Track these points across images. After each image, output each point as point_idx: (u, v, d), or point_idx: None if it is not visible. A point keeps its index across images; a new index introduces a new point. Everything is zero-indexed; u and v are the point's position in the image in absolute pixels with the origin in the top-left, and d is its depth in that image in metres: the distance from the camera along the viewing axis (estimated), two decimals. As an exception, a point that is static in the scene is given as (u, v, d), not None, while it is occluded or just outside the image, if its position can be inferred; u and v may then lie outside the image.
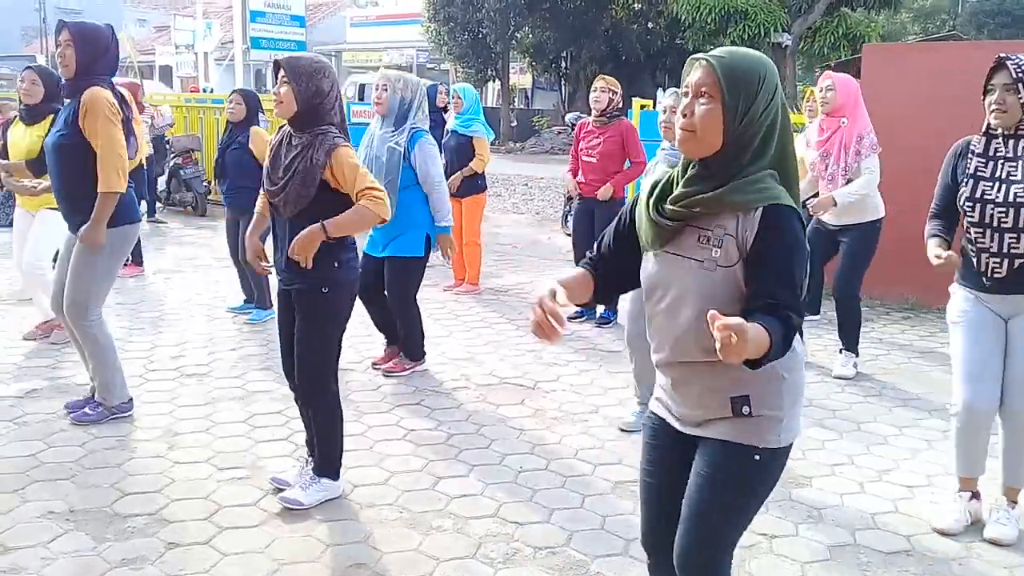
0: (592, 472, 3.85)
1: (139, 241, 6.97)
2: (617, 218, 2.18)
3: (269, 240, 3.51)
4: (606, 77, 6.54)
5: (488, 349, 5.71)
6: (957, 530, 3.37)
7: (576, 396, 4.84)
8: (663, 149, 4.07)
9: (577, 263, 6.74)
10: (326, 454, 3.45)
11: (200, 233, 10.02)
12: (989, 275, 3.24)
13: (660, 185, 2.01)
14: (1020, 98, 3.10)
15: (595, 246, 2.22)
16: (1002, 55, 3.18)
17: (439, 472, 3.79)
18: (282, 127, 3.39)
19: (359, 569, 3.00)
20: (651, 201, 1.99)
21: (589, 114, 6.55)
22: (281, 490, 3.49)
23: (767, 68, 1.91)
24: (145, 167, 8.31)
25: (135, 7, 41.87)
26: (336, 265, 3.32)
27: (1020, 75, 3.09)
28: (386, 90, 4.87)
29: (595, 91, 6.42)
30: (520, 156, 21.91)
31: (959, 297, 3.41)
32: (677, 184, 1.97)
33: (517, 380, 5.09)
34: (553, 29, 27.25)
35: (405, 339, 5.12)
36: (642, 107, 8.61)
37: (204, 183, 11.25)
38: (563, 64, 29.44)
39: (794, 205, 1.89)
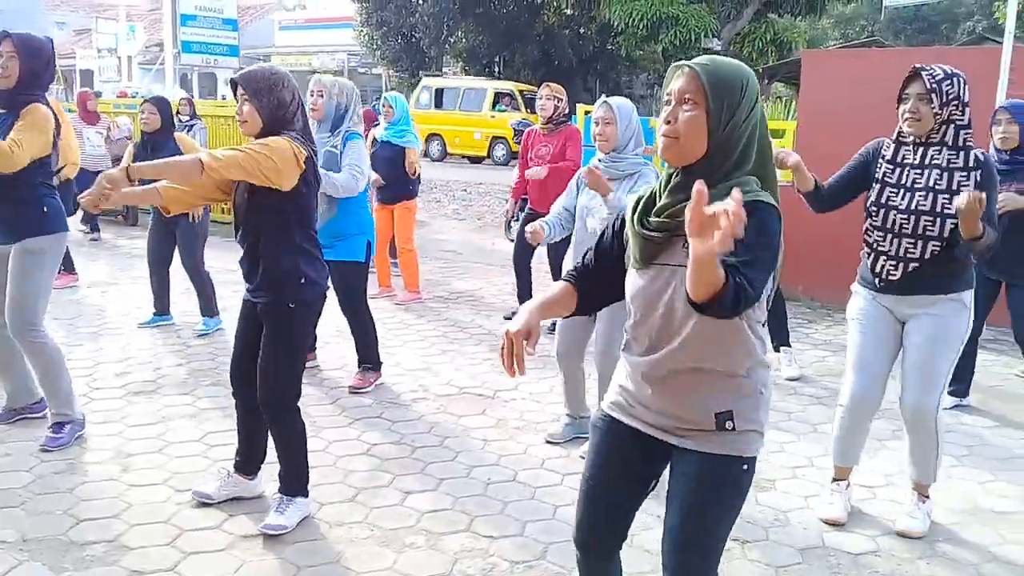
0: (561, 481, 3.83)
1: (68, 249, 6.73)
2: (601, 233, 2.18)
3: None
4: (551, 85, 6.56)
5: (444, 359, 5.66)
6: (844, 519, 3.51)
7: (536, 405, 4.82)
8: (599, 159, 4.04)
9: (517, 272, 6.73)
10: (295, 472, 3.36)
11: (133, 243, 9.71)
12: (884, 277, 3.36)
13: (643, 200, 2.00)
14: (933, 107, 3.19)
15: (581, 260, 2.21)
16: (917, 66, 3.27)
17: (407, 487, 3.73)
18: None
19: (334, 591, 2.93)
20: (635, 216, 1.99)
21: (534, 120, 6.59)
22: (206, 504, 3.43)
23: (748, 76, 1.92)
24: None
25: (53, 9, 40.52)
26: (303, 281, 3.25)
27: (934, 85, 3.17)
28: (322, 96, 4.83)
29: (541, 99, 6.44)
30: (455, 161, 21.82)
31: (859, 296, 3.53)
32: (660, 197, 1.97)
33: (476, 390, 5.04)
34: (486, 33, 27.29)
35: (361, 343, 5.05)
36: (586, 113, 8.63)
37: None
38: (496, 68, 29.47)
39: (775, 204, 1.89)
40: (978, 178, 3.21)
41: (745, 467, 2.01)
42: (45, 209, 3.96)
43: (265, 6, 39.69)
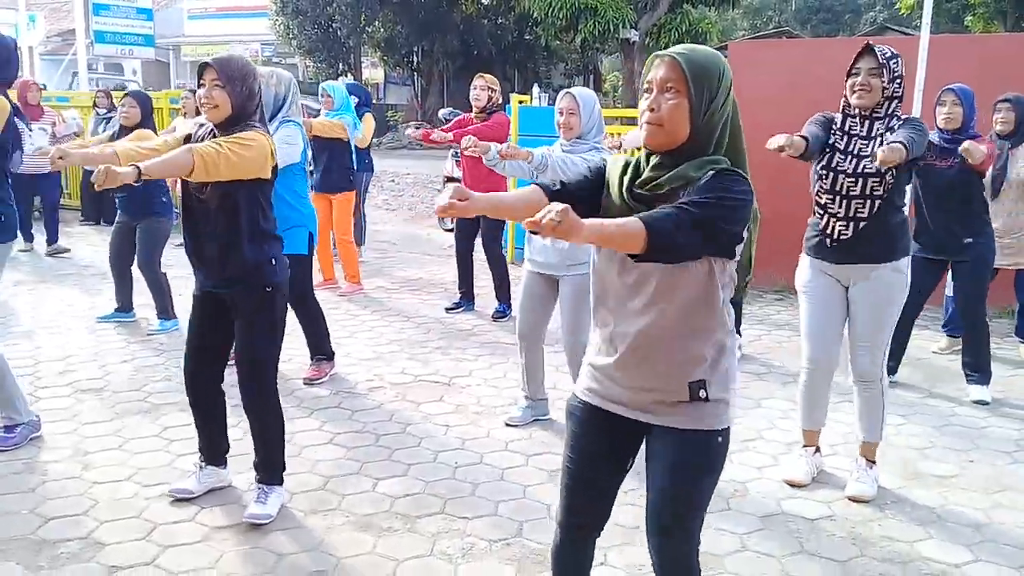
0: (526, 463, 3.92)
1: None
2: (583, 175, 2.17)
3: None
4: (486, 76, 6.65)
5: (394, 347, 5.68)
6: (807, 481, 3.75)
7: (493, 390, 4.90)
8: (562, 146, 4.17)
9: (459, 258, 6.77)
10: (272, 459, 3.38)
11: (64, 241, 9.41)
12: (835, 237, 3.59)
13: (630, 167, 2.05)
14: (883, 81, 3.43)
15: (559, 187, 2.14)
16: (869, 42, 3.51)
17: (376, 474, 3.76)
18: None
19: (319, 576, 2.96)
20: (622, 185, 2.04)
21: (467, 110, 6.66)
22: (180, 499, 3.42)
23: (724, 64, 1.99)
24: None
25: (-56, -3, 38.52)
26: (273, 262, 3.27)
27: (884, 61, 3.42)
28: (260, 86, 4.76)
29: (475, 89, 6.51)
30: (378, 152, 21.63)
31: (805, 265, 3.75)
32: (642, 171, 2.03)
33: (431, 377, 5.09)
34: (405, 23, 27.08)
35: (312, 336, 5.04)
36: (520, 103, 8.73)
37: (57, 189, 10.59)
38: (415, 59, 29.31)
39: (743, 173, 1.98)
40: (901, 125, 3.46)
41: (720, 439, 2.08)
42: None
43: (173, -5, 38.53)
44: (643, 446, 2.19)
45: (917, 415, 4.63)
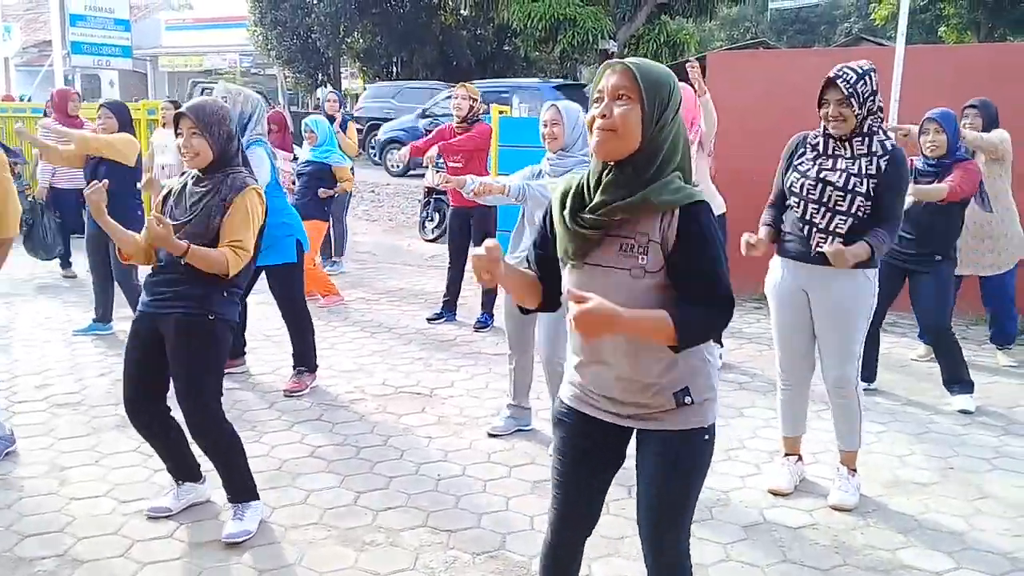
0: (509, 474, 3.91)
1: None
2: (536, 235, 2.23)
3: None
4: (467, 85, 6.69)
5: (375, 359, 5.66)
6: (790, 489, 3.76)
7: (475, 400, 4.88)
8: (548, 159, 4.16)
9: (451, 267, 6.78)
10: (236, 481, 3.31)
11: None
12: (815, 247, 3.56)
13: (571, 195, 2.03)
14: (854, 110, 3.42)
15: (525, 259, 2.28)
16: (831, 75, 3.46)
17: (357, 487, 3.73)
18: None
19: (301, 592, 2.93)
20: (566, 213, 2.02)
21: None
22: (159, 517, 3.37)
23: (674, 79, 1.99)
24: None
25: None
26: (224, 295, 3.24)
27: (851, 89, 3.40)
28: (226, 102, 4.73)
29: (456, 98, 6.53)
30: (359, 162, 21.59)
31: (775, 270, 3.77)
32: (590, 194, 2.01)
33: (412, 389, 5.07)
34: (384, 34, 27.11)
35: (299, 345, 5.01)
36: (500, 113, 8.73)
37: (28, 198, 10.47)
38: (395, 69, 29.31)
39: (706, 199, 1.98)
40: (884, 168, 3.45)
41: (707, 437, 2.11)
42: None
43: (150, 6, 38.34)
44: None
45: (897, 422, 4.66)
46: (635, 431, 2.16)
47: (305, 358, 5.04)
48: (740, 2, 23.82)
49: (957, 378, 4.90)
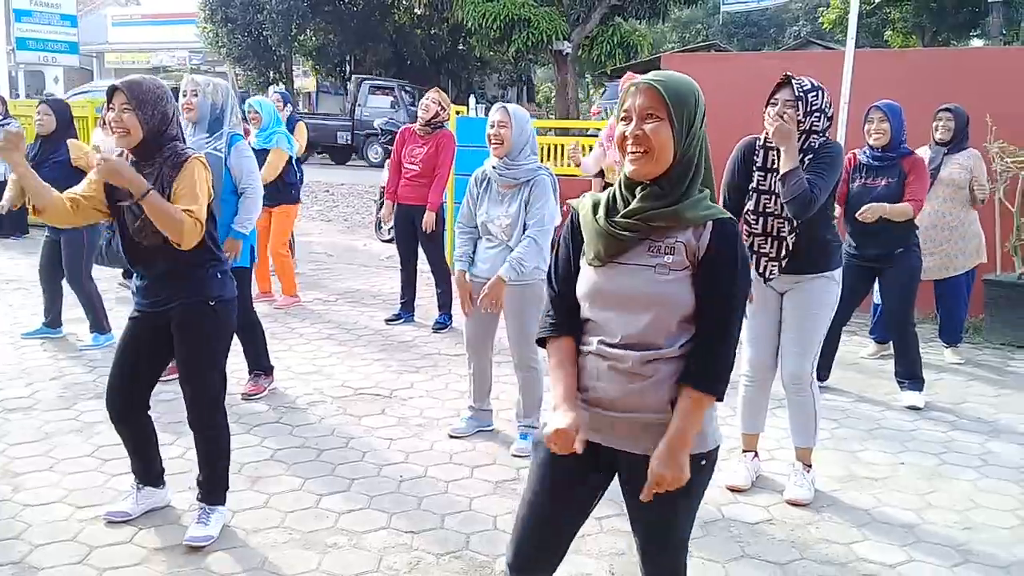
0: (471, 474, 3.92)
1: None
2: (559, 260, 2.15)
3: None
4: (440, 90, 6.73)
5: (333, 360, 5.62)
6: (747, 486, 3.83)
7: (435, 401, 4.89)
8: (493, 165, 4.15)
9: (403, 269, 6.74)
10: (218, 479, 3.30)
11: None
12: (767, 276, 3.70)
13: (603, 204, 2.04)
14: (798, 115, 3.48)
15: (553, 301, 2.14)
16: (788, 74, 3.55)
17: (319, 490, 3.71)
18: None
19: (264, 596, 2.91)
20: (599, 217, 2.01)
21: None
22: (117, 522, 3.33)
23: (698, 90, 2.00)
24: None
25: None
26: (219, 276, 3.21)
27: (801, 93, 3.47)
28: (196, 95, 4.61)
29: (425, 99, 6.53)
30: (312, 161, 21.42)
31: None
32: (624, 202, 2.01)
33: (372, 390, 5.05)
34: (337, 32, 26.93)
35: (251, 350, 4.96)
36: (457, 113, 8.73)
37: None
38: (348, 68, 29.12)
39: (735, 219, 2.04)
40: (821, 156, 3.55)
41: (703, 462, 2.03)
42: None
43: (96, 1, 37.60)
44: (612, 482, 2.16)
45: (849, 419, 4.76)
46: (622, 465, 2.09)
47: (259, 361, 4.99)
48: (692, 4, 24.11)
49: (911, 373, 5.02)
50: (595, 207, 2.06)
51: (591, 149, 8.01)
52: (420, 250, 6.67)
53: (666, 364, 1.98)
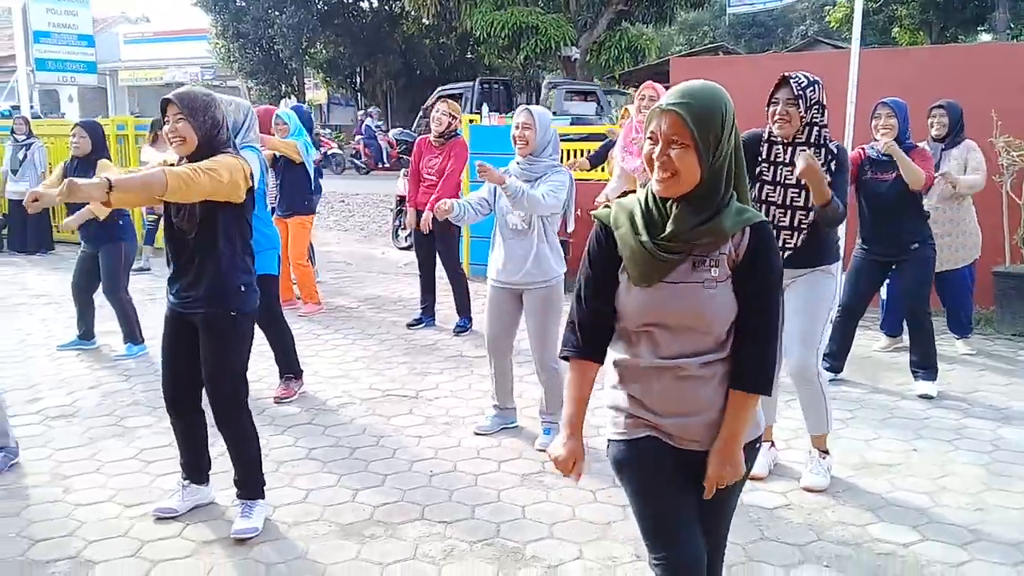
0: (498, 468, 4.08)
1: None
2: (589, 277, 2.13)
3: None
4: (449, 102, 6.94)
5: (359, 365, 5.80)
6: (764, 474, 3.95)
7: (459, 401, 5.05)
8: (518, 163, 4.33)
9: (421, 271, 6.91)
10: (251, 475, 3.48)
11: (18, 271, 9.35)
12: (784, 246, 3.78)
13: (641, 223, 2.03)
14: (799, 111, 3.64)
15: (581, 320, 2.14)
16: (785, 73, 3.71)
17: (354, 485, 3.88)
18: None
19: (309, 583, 3.08)
20: (645, 240, 2.00)
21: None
22: (165, 518, 3.51)
23: (725, 99, 2.00)
24: None
25: None
26: (242, 289, 3.38)
27: (800, 92, 3.62)
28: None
29: (437, 111, 6.71)
30: (325, 172, 21.64)
31: None
32: (661, 218, 2.01)
33: (398, 392, 5.22)
34: (347, 44, 27.24)
35: (281, 354, 5.14)
36: (471, 122, 8.91)
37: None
38: (358, 79, 29.40)
39: (767, 220, 2.10)
40: (832, 167, 3.69)
41: (757, 446, 2.17)
42: None
43: (107, 20, 38.01)
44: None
45: (863, 409, 4.89)
46: (696, 458, 2.10)
47: (290, 366, 5.16)
48: (698, 7, 24.28)
49: (926, 362, 5.14)
50: (632, 225, 2.05)
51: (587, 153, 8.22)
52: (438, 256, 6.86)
53: (721, 364, 2.05)
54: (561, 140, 4.87)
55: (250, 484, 3.48)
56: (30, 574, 3.10)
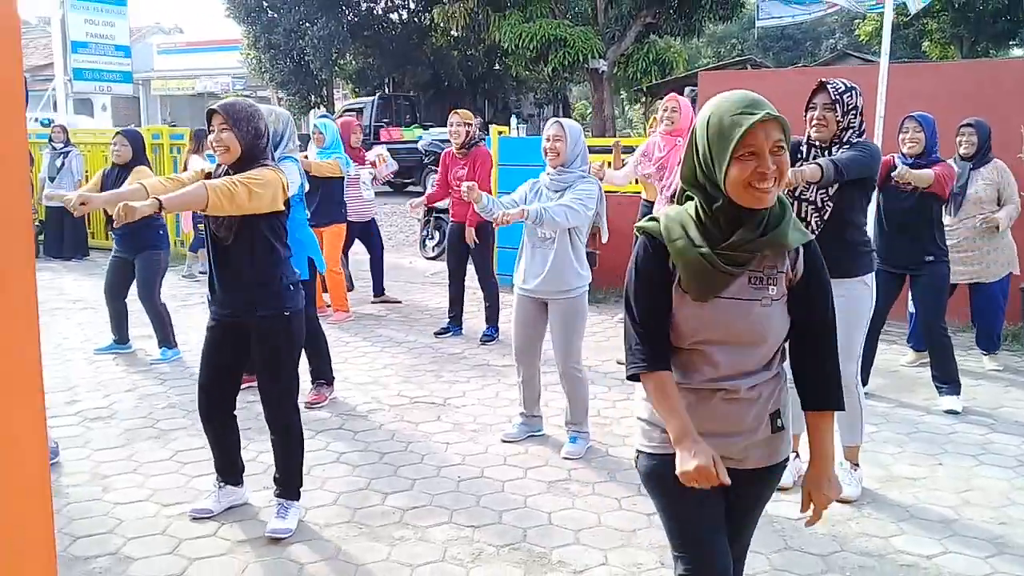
0: (525, 475, 4.14)
1: None
2: (641, 292, 2.06)
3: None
4: (460, 112, 6.93)
5: (388, 372, 5.89)
6: (789, 485, 3.96)
7: (487, 408, 5.12)
8: (548, 174, 4.42)
9: (452, 281, 7.00)
10: (293, 476, 3.58)
11: (53, 276, 9.54)
12: None
13: (697, 235, 1.98)
14: (836, 116, 3.72)
15: (640, 335, 2.06)
16: (822, 79, 3.81)
17: (384, 488, 3.97)
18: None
19: (341, 582, 3.16)
20: (705, 252, 1.95)
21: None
22: (201, 518, 3.61)
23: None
24: None
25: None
26: (291, 288, 3.49)
27: (837, 96, 3.72)
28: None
29: (451, 126, 6.80)
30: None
31: None
32: (717, 228, 1.96)
33: (427, 399, 5.31)
34: (376, 56, 27.49)
35: (314, 359, 5.24)
36: (500, 133, 9.01)
37: (36, 223, 10.73)
38: (387, 90, 29.64)
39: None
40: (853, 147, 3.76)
41: (786, 464, 2.20)
42: None
43: (142, 30, 38.66)
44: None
45: (889, 423, 4.91)
46: (735, 472, 2.04)
47: (322, 371, 5.27)
48: (727, 20, 24.29)
49: (947, 377, 5.16)
50: (687, 236, 1.99)
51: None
52: (469, 266, 6.95)
53: (766, 385, 2.07)
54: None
55: (290, 484, 3.58)
56: (71, 569, 3.20)
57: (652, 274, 2.04)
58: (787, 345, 2.13)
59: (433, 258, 10.48)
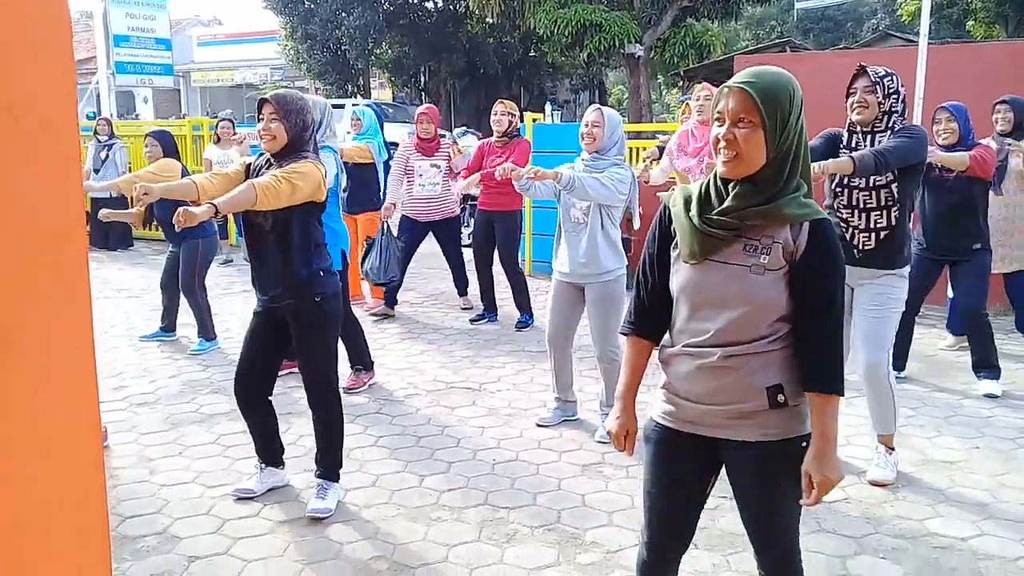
0: (559, 459, 4.20)
1: None
2: (647, 256, 2.21)
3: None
4: (505, 101, 7.00)
5: (425, 358, 5.98)
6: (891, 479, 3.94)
7: (521, 393, 5.18)
8: (583, 159, 4.46)
9: (478, 270, 7.04)
10: (333, 458, 3.68)
11: (100, 266, 9.76)
12: (860, 248, 3.86)
13: (695, 200, 2.06)
14: (878, 98, 3.72)
15: (636, 299, 2.23)
16: (862, 64, 3.80)
17: (421, 471, 4.05)
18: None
19: (379, 560, 3.24)
20: (693, 215, 2.04)
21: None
22: (244, 498, 3.72)
23: (793, 84, 1.99)
24: None
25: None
26: (322, 274, 3.57)
27: (877, 79, 3.71)
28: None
29: (495, 114, 6.82)
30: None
31: None
32: (719, 197, 2.03)
33: (462, 384, 5.38)
34: (412, 44, 27.58)
35: (351, 346, 5.33)
36: (534, 121, 9.04)
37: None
38: (422, 78, 29.76)
39: (830, 219, 2.05)
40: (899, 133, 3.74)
41: (804, 444, 2.04)
42: None
43: (181, 22, 39.16)
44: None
45: (926, 407, 4.89)
46: (729, 451, 2.11)
47: (360, 357, 5.36)
48: (765, 2, 24.01)
49: (986, 362, 5.12)
50: (687, 202, 2.09)
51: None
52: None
53: (755, 358, 2.03)
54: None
55: (331, 464, 3.68)
56: (122, 547, 3.32)
57: (658, 239, 2.18)
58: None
59: (469, 245, 10.52)
